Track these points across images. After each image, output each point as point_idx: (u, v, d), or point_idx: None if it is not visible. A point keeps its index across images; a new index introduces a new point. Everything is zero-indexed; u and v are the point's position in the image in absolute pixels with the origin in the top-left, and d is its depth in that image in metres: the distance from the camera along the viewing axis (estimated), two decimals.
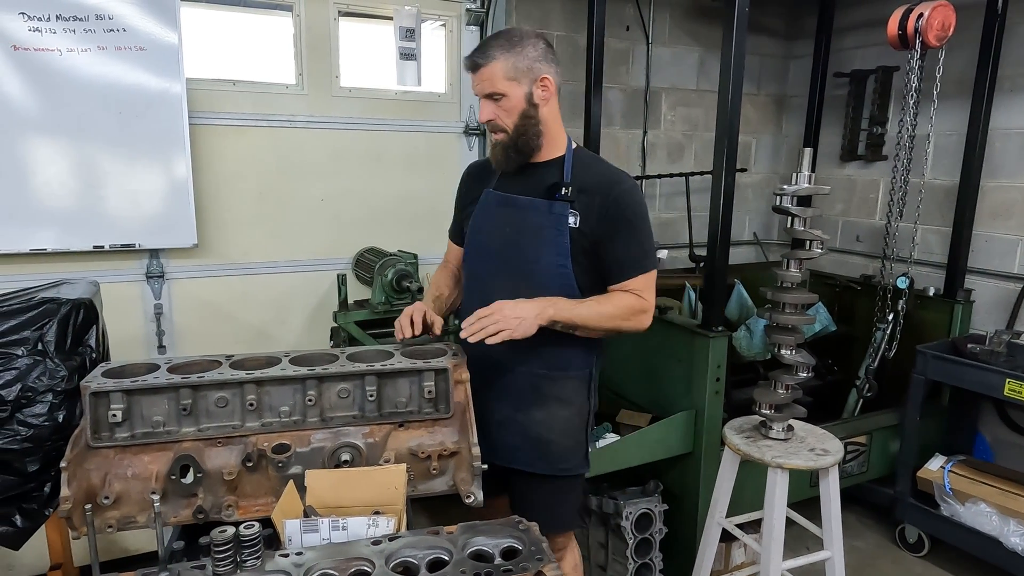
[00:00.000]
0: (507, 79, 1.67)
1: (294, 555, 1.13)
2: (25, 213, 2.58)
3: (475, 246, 1.88)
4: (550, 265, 1.75)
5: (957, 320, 3.21)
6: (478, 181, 1.92)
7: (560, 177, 1.76)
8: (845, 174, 3.99)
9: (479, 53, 1.69)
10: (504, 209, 1.82)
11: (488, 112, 1.72)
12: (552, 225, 1.74)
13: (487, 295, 1.76)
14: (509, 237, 1.79)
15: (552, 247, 1.75)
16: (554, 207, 1.74)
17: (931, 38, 2.79)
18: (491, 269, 1.83)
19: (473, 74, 1.71)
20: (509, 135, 1.72)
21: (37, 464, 1.63)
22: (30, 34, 2.47)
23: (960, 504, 2.89)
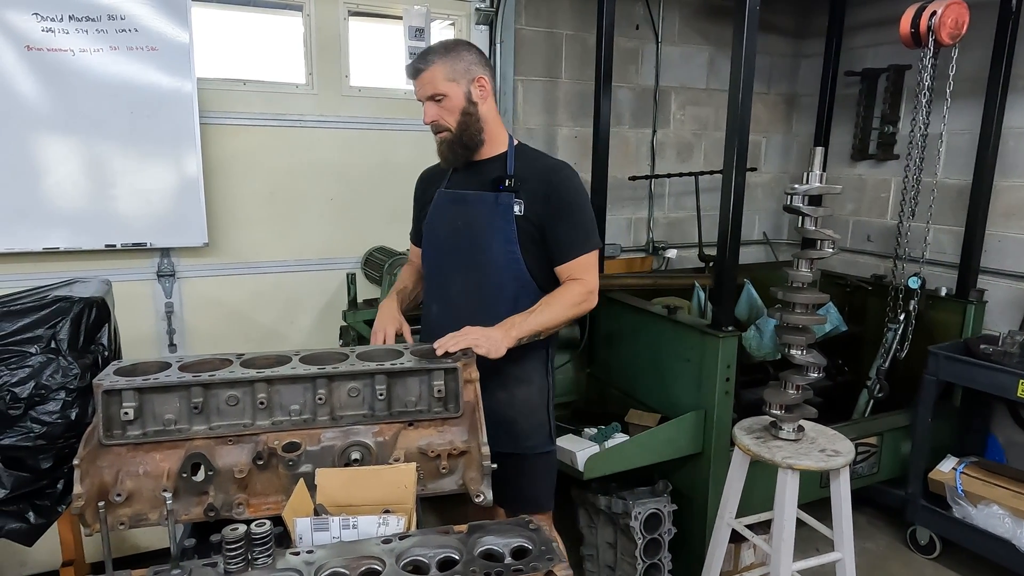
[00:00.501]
0: (447, 80, 1.81)
1: (305, 553, 1.13)
2: (38, 212, 2.60)
3: (430, 242, 1.99)
4: (500, 252, 1.86)
5: (970, 321, 3.18)
6: (431, 184, 2.04)
7: (503, 170, 1.89)
8: (856, 173, 3.97)
9: (419, 60, 1.82)
10: (455, 205, 1.93)
11: (432, 113, 1.83)
12: (499, 215, 1.86)
13: (445, 287, 1.95)
14: (461, 230, 1.91)
15: (500, 235, 1.86)
16: (500, 198, 1.86)
17: (944, 36, 2.77)
18: (447, 262, 1.94)
19: (415, 80, 1.83)
20: (453, 133, 1.85)
21: (50, 461, 1.65)
22: (43, 34, 2.49)
23: (972, 506, 2.86)
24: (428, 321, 2.02)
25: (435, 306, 2.00)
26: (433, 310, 2.01)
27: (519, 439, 1.95)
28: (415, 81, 1.84)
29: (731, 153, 2.40)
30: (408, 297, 2.13)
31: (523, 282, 1.89)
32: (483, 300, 1.89)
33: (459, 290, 1.93)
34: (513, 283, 1.89)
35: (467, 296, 1.91)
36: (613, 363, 3.10)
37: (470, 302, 1.89)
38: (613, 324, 3.07)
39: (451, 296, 1.95)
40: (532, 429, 1.98)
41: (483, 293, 1.89)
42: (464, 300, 1.91)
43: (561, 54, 3.57)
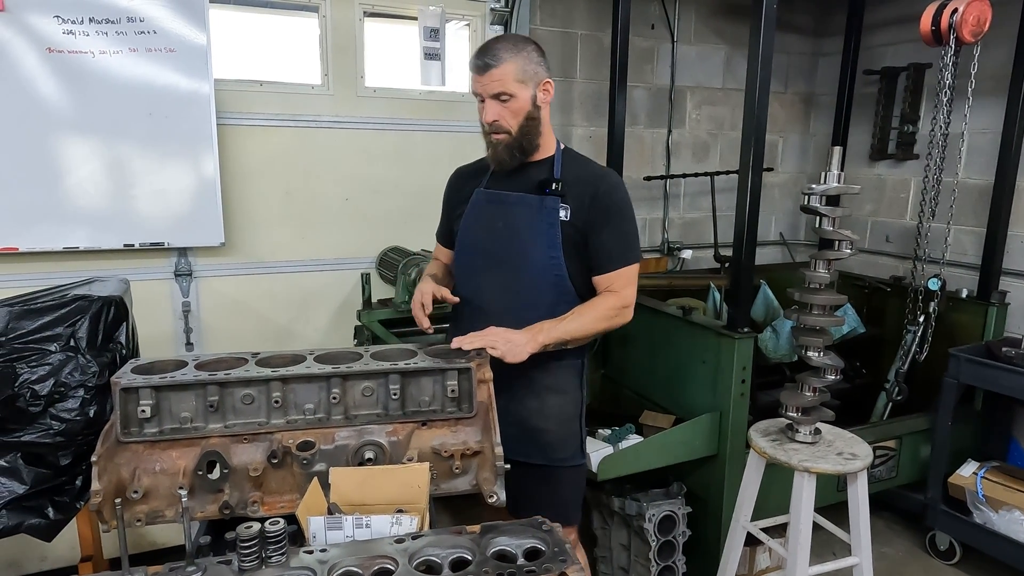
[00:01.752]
0: (516, 81, 1.73)
1: (318, 552, 1.14)
2: (59, 212, 2.64)
3: (466, 243, 1.92)
4: (541, 257, 1.81)
5: (991, 323, 3.13)
6: (467, 182, 1.97)
7: (550, 174, 1.83)
8: (875, 173, 3.92)
9: (489, 55, 1.72)
10: (495, 206, 1.87)
11: (494, 112, 1.75)
12: (543, 219, 1.80)
13: (479, 290, 1.88)
14: (500, 232, 1.85)
15: (543, 239, 1.80)
16: (545, 201, 1.81)
17: (966, 34, 2.72)
18: (482, 264, 1.88)
19: (481, 75, 1.74)
20: (513, 136, 1.78)
21: (69, 458, 1.66)
22: (64, 36, 2.52)
23: (993, 511, 2.82)
24: (458, 323, 1.94)
25: (466, 308, 1.92)
26: (464, 312, 1.92)
27: (549, 450, 1.89)
28: (480, 77, 1.74)
29: (747, 153, 2.38)
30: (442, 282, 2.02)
31: (562, 289, 1.83)
32: (518, 305, 1.82)
33: (494, 293, 1.86)
34: (552, 290, 1.83)
35: (502, 300, 1.84)
36: (628, 364, 3.08)
37: (504, 307, 1.82)
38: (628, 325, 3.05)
39: (484, 299, 1.88)
40: (563, 440, 1.91)
41: (519, 298, 1.82)
42: (498, 304, 1.84)
43: (576, 54, 3.56)
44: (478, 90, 1.76)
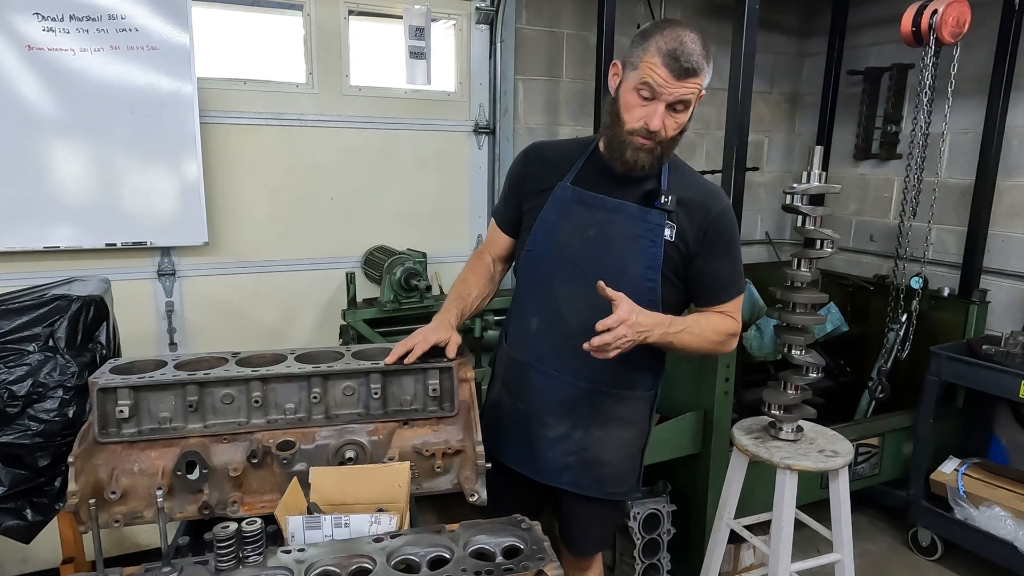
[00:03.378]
0: (698, 95, 1.53)
1: (296, 551, 1.14)
2: (39, 211, 2.61)
3: (544, 245, 1.67)
4: (638, 278, 1.60)
5: (972, 321, 3.17)
6: (549, 170, 1.70)
7: (656, 184, 1.61)
8: (859, 173, 3.95)
9: (694, 59, 1.45)
10: (587, 209, 1.63)
11: (660, 120, 1.50)
12: (645, 235, 1.60)
13: (554, 300, 1.66)
14: (592, 241, 1.62)
15: (644, 258, 1.60)
16: (650, 215, 1.60)
17: (946, 34, 2.75)
18: (563, 274, 1.65)
19: (676, 79, 1.46)
20: (660, 147, 1.55)
21: (48, 459, 1.65)
22: (44, 34, 2.49)
23: (974, 507, 2.85)
24: (524, 335, 1.73)
25: (535, 320, 1.70)
26: (532, 324, 1.71)
27: (605, 484, 1.75)
28: (675, 80, 1.45)
29: (731, 152, 2.39)
30: (472, 307, 1.76)
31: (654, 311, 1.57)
32: None
33: (574, 309, 1.62)
34: None
35: (583, 318, 1.55)
36: None
37: (583, 323, 1.52)
38: None
39: (560, 312, 1.65)
40: (622, 475, 1.77)
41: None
42: (578, 322, 1.59)
43: (562, 53, 3.57)
44: (662, 89, 1.47)
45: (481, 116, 3.41)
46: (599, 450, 1.72)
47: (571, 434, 1.71)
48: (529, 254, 1.71)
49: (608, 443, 1.72)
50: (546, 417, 1.71)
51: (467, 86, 3.38)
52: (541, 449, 1.73)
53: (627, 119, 1.53)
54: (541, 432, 1.72)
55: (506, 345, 1.82)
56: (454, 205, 3.45)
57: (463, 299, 1.74)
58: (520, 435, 1.75)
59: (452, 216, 3.46)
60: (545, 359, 1.69)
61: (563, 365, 1.67)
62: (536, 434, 1.72)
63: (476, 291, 1.77)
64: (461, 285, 1.78)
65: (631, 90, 1.51)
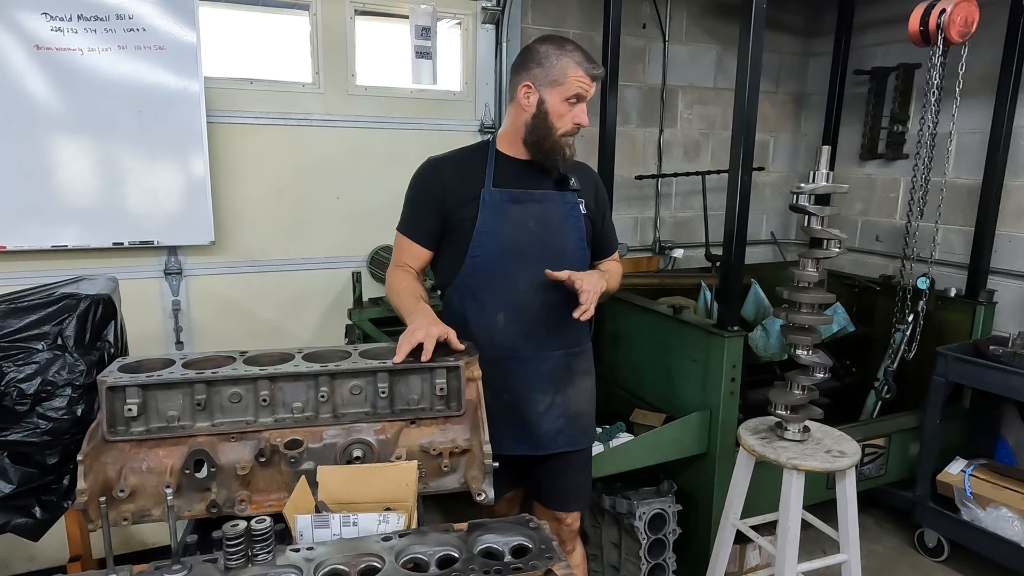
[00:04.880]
0: None
1: (305, 550, 1.14)
2: (48, 210, 2.62)
3: (492, 246, 1.84)
4: (575, 250, 1.91)
5: (979, 321, 3.16)
6: (461, 181, 1.86)
7: (557, 171, 1.90)
8: (865, 173, 3.94)
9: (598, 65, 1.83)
10: (520, 205, 1.86)
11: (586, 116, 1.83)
12: (570, 213, 1.90)
13: (513, 291, 1.86)
14: (533, 231, 1.86)
15: (575, 233, 1.90)
16: (567, 197, 1.90)
17: (954, 34, 2.74)
18: (515, 266, 1.85)
19: (594, 82, 1.82)
20: None
21: (56, 457, 1.66)
22: (52, 34, 2.51)
23: (981, 509, 2.84)
24: (491, 332, 1.87)
25: (502, 315, 1.87)
26: (500, 320, 1.87)
27: (588, 434, 2.03)
28: (592, 84, 1.82)
29: (737, 152, 2.39)
30: None
31: None
32: (558, 301, 1.84)
33: (531, 293, 1.86)
34: None
35: (541, 298, 1.86)
36: (618, 363, 3.09)
37: (544, 304, 1.86)
38: (619, 323, 3.06)
39: (520, 300, 1.86)
40: (591, 421, 2.05)
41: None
42: (538, 303, 1.86)
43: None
44: (587, 93, 1.81)
45: (487, 116, 3.41)
46: (577, 404, 1.98)
47: (555, 400, 1.93)
48: (477, 260, 1.85)
49: (581, 395, 1.99)
50: (534, 395, 1.91)
51: (473, 86, 3.38)
52: (536, 425, 1.92)
53: (559, 125, 1.81)
54: (532, 410, 1.91)
55: None
56: None
57: (423, 300, 1.80)
58: (512, 421, 1.90)
59: None
60: (520, 346, 1.88)
61: (537, 344, 1.89)
62: (528, 413, 1.91)
63: (424, 295, 1.85)
64: (410, 290, 1.83)
65: (560, 102, 1.79)
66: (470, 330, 1.86)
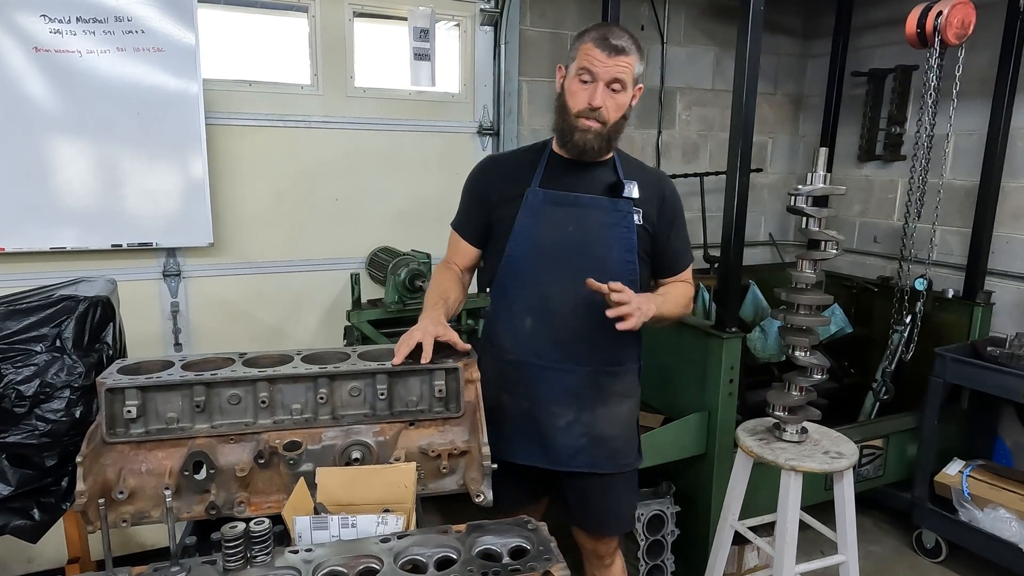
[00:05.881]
0: (632, 77, 1.68)
1: (303, 551, 1.14)
2: (46, 212, 2.62)
3: (528, 247, 1.78)
4: (619, 262, 1.77)
5: (977, 322, 3.16)
6: (512, 179, 1.81)
7: (615, 176, 1.79)
8: (863, 174, 3.95)
9: (622, 39, 1.65)
10: (561, 208, 1.77)
11: (601, 98, 1.66)
12: (619, 222, 1.76)
13: (545, 297, 1.77)
14: (572, 236, 1.76)
15: (621, 244, 1.77)
16: (619, 204, 1.77)
17: (950, 36, 2.75)
18: (549, 271, 1.77)
19: (608, 56, 1.63)
20: (606, 128, 1.70)
21: (55, 459, 1.65)
22: (51, 36, 2.51)
23: (979, 509, 2.85)
24: (517, 335, 1.82)
25: (529, 319, 1.80)
26: (527, 324, 1.80)
27: (617, 456, 1.86)
28: (606, 57, 1.63)
29: (735, 154, 2.40)
30: (452, 310, 1.81)
31: (636, 290, 1.72)
32: (592, 312, 1.70)
33: (564, 301, 1.75)
34: None
35: (574, 308, 1.74)
36: None
37: (577, 314, 1.74)
38: None
39: (552, 307, 1.77)
40: (627, 445, 1.89)
41: (594, 305, 1.68)
42: (570, 312, 1.75)
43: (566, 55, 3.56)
44: (597, 69, 1.64)
45: (485, 117, 3.42)
46: (605, 426, 1.83)
47: (579, 417, 1.81)
48: (510, 260, 1.79)
49: (611, 418, 1.84)
50: (553, 407, 1.80)
51: (471, 87, 3.39)
52: (552, 439, 1.81)
53: (572, 104, 1.69)
54: (550, 423, 1.80)
55: (493, 348, 1.87)
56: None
57: (445, 300, 1.78)
58: (528, 430, 1.82)
59: None
60: (544, 353, 1.78)
61: (564, 355, 1.78)
62: (545, 425, 1.80)
63: (454, 294, 1.82)
64: (439, 288, 1.82)
65: (573, 79, 1.69)
66: (499, 330, 1.86)
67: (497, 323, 1.87)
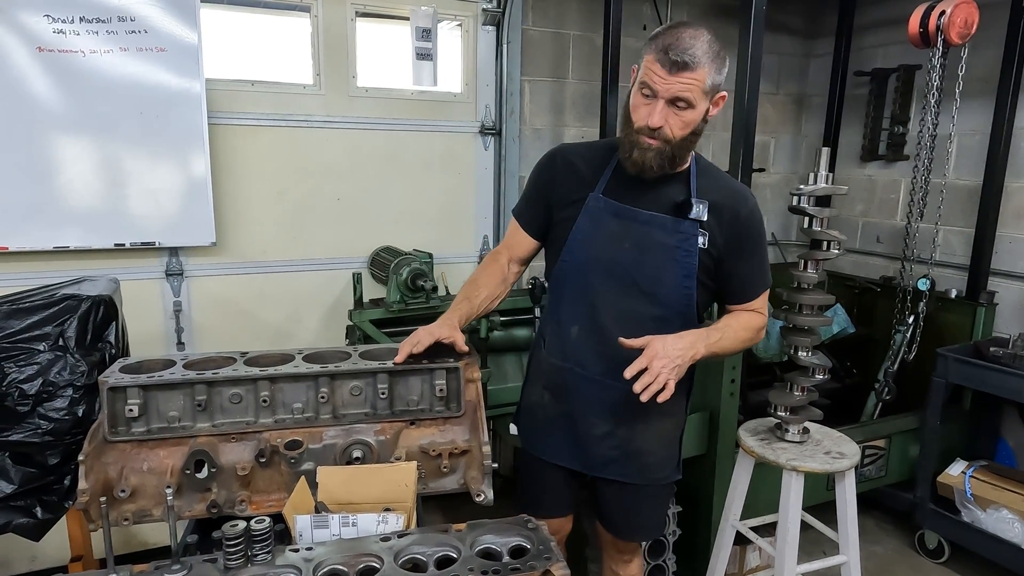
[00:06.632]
0: (703, 91, 1.50)
1: (304, 550, 1.14)
2: (49, 212, 2.63)
3: (581, 256, 1.71)
4: (674, 286, 1.65)
5: (979, 323, 3.16)
6: (577, 179, 1.71)
7: (686, 194, 1.63)
8: (865, 174, 3.94)
9: (688, 53, 1.46)
10: (619, 221, 1.66)
11: (661, 117, 1.50)
12: (680, 245, 1.64)
13: (594, 309, 1.70)
14: (627, 253, 1.66)
15: (679, 267, 1.64)
16: (682, 226, 1.63)
17: (953, 36, 2.74)
18: (601, 284, 1.69)
19: (670, 73, 1.47)
20: (669, 146, 1.54)
21: (57, 457, 1.66)
22: (54, 36, 2.51)
23: (981, 510, 2.84)
24: (563, 341, 1.78)
25: (576, 327, 1.75)
26: (573, 332, 1.75)
27: (648, 471, 1.81)
28: (668, 75, 1.47)
29: (737, 154, 2.39)
30: (478, 308, 1.78)
31: (689, 318, 1.68)
32: (639, 330, 1.59)
33: (611, 317, 1.68)
34: (678, 319, 1.67)
35: (620, 325, 1.65)
36: None
37: (623, 332, 1.58)
38: None
39: (599, 322, 1.70)
40: (663, 461, 1.83)
41: (640, 324, 1.63)
42: (617, 329, 1.63)
43: (568, 54, 3.57)
44: (657, 86, 1.49)
45: (487, 117, 3.42)
46: (641, 441, 1.78)
47: (615, 431, 1.77)
48: (564, 264, 1.74)
49: (649, 434, 1.78)
50: (590, 416, 1.77)
51: (473, 87, 3.39)
52: (587, 445, 1.79)
53: (635, 119, 1.56)
54: (586, 430, 1.78)
55: (545, 350, 1.85)
56: (460, 206, 3.46)
57: (470, 301, 1.77)
58: (565, 432, 1.81)
59: (458, 217, 3.47)
60: (587, 364, 1.74)
61: (605, 369, 1.71)
62: (581, 431, 1.79)
63: (485, 292, 1.79)
64: (470, 286, 1.80)
65: (636, 91, 1.56)
66: (548, 332, 1.83)
67: (547, 324, 1.85)
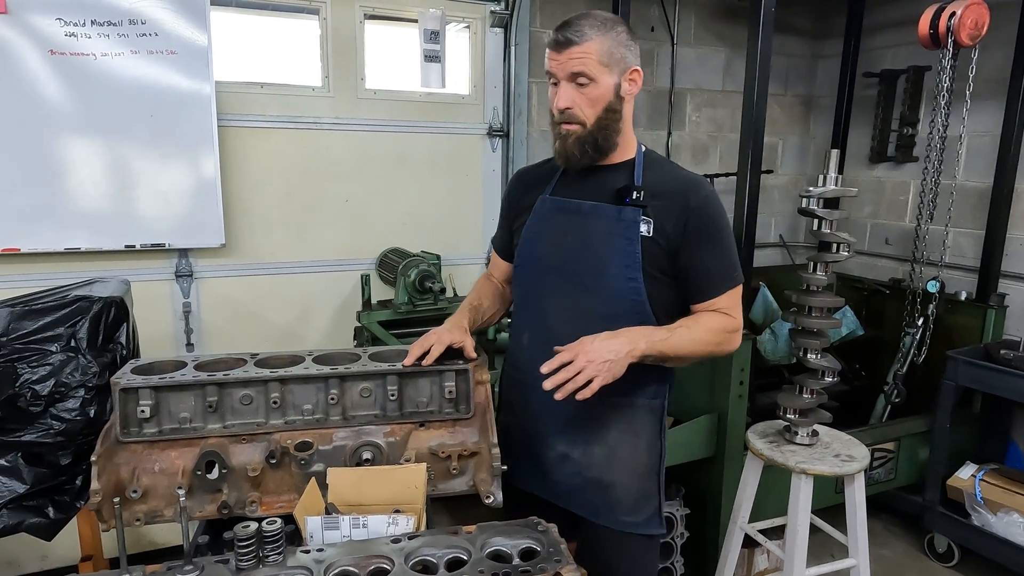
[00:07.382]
0: (600, 63, 1.47)
1: (315, 551, 1.15)
2: (61, 213, 2.65)
3: (528, 258, 1.66)
4: (618, 278, 1.54)
5: (990, 325, 3.14)
6: (531, 188, 1.70)
7: (629, 180, 1.56)
8: (874, 176, 3.92)
9: (571, 30, 1.47)
10: (563, 216, 1.61)
11: (568, 98, 1.48)
12: (621, 233, 1.53)
13: (542, 313, 1.63)
14: (570, 247, 1.58)
15: (621, 258, 1.53)
16: (623, 212, 1.54)
17: (964, 37, 2.73)
18: (548, 284, 1.62)
19: (559, 52, 1.48)
20: (587, 128, 1.51)
21: (69, 457, 1.67)
22: (66, 39, 2.53)
23: (992, 514, 2.82)
24: (518, 350, 1.71)
25: (527, 335, 1.67)
26: (524, 340, 1.68)
27: (618, 511, 1.61)
28: (557, 54, 1.48)
29: (745, 155, 2.39)
30: (483, 317, 1.77)
31: (641, 315, 1.54)
32: (588, 331, 1.46)
33: (560, 318, 1.59)
34: (628, 315, 1.53)
35: (571, 326, 1.52)
36: None
37: (573, 333, 1.46)
38: None
39: (548, 324, 1.61)
40: (635, 501, 1.62)
41: (589, 323, 1.49)
42: (566, 330, 1.51)
43: None
44: (553, 68, 1.50)
45: (495, 119, 3.42)
46: (602, 470, 1.60)
47: (570, 453, 1.62)
48: (517, 270, 1.71)
49: (612, 462, 1.60)
50: (547, 436, 1.64)
51: (481, 89, 3.40)
52: (550, 470, 1.65)
53: (551, 110, 1.56)
54: (545, 453, 1.65)
55: (507, 362, 1.80)
56: (468, 207, 3.46)
57: (476, 308, 1.77)
58: (530, 456, 1.67)
59: (466, 218, 3.47)
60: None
61: None
62: (540, 453, 1.65)
63: (488, 303, 1.81)
64: (474, 295, 1.83)
65: (549, 87, 1.56)
66: (509, 345, 1.80)
67: (509, 337, 1.80)
